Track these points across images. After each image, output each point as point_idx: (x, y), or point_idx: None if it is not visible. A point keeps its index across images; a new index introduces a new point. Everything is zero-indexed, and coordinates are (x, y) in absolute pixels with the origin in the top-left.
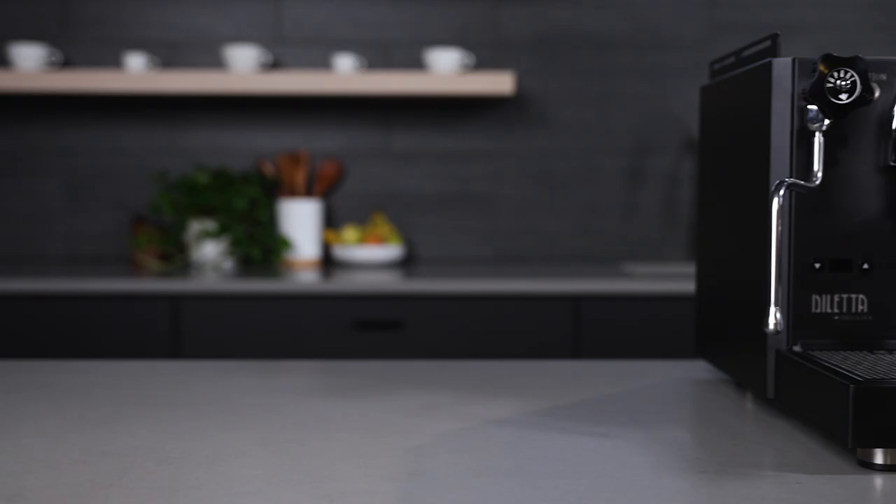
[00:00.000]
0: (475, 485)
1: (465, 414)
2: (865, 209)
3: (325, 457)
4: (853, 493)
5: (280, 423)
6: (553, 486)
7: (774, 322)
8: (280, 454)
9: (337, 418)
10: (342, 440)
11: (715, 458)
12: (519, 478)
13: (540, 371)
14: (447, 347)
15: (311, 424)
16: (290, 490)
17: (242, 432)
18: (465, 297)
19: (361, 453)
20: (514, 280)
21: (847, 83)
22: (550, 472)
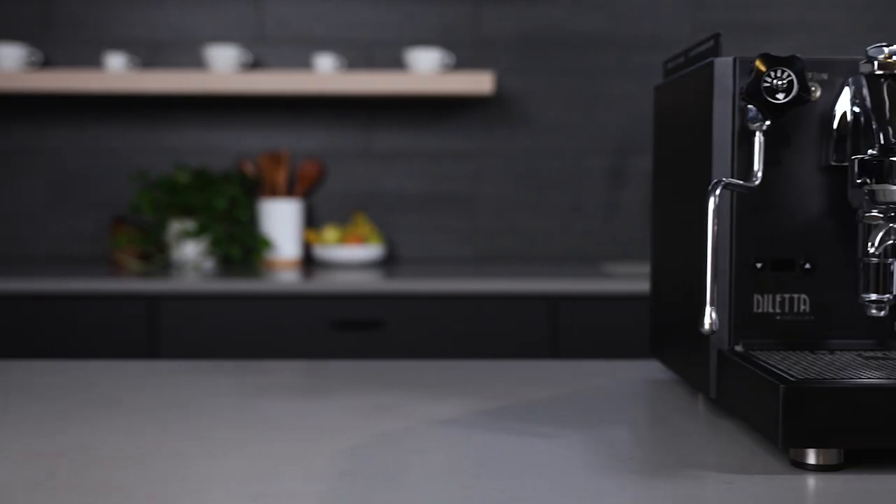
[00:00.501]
0: (403, 485)
1: (413, 414)
2: (808, 209)
3: (260, 456)
4: (781, 493)
5: (224, 422)
6: (483, 486)
7: (710, 322)
8: (215, 454)
9: (282, 418)
10: (282, 440)
11: (652, 459)
12: (450, 478)
13: (500, 371)
14: (426, 347)
15: (254, 424)
16: (215, 490)
17: (183, 432)
18: (444, 296)
19: (298, 453)
20: (492, 280)
21: (784, 83)
22: (484, 473)
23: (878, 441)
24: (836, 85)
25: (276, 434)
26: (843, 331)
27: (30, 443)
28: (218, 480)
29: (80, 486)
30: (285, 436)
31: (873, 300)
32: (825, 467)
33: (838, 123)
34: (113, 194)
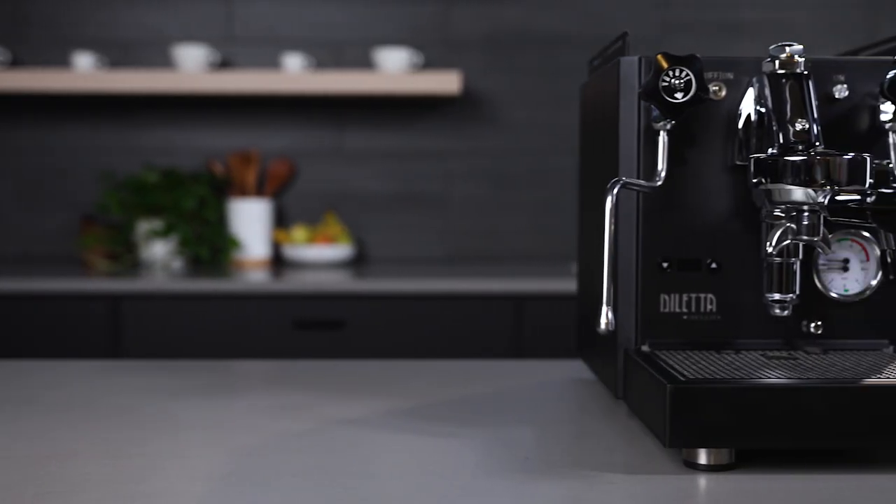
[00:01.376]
0: (286, 486)
1: (319, 414)
2: (714, 209)
3: (153, 456)
4: (664, 492)
5: (129, 423)
6: (366, 486)
7: (606, 322)
8: (109, 454)
9: (187, 418)
10: (179, 440)
11: (547, 459)
12: (335, 478)
13: (427, 370)
14: (391, 347)
15: (158, 424)
16: (96, 491)
17: (85, 432)
18: (409, 296)
19: (191, 453)
20: (457, 280)
21: (681, 82)
22: (371, 473)
23: (767, 441)
24: (743, 84)
25: (174, 434)
26: (750, 330)
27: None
28: (102, 480)
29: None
30: (182, 436)
31: (777, 300)
32: (716, 467)
33: (743, 123)
34: (82, 194)
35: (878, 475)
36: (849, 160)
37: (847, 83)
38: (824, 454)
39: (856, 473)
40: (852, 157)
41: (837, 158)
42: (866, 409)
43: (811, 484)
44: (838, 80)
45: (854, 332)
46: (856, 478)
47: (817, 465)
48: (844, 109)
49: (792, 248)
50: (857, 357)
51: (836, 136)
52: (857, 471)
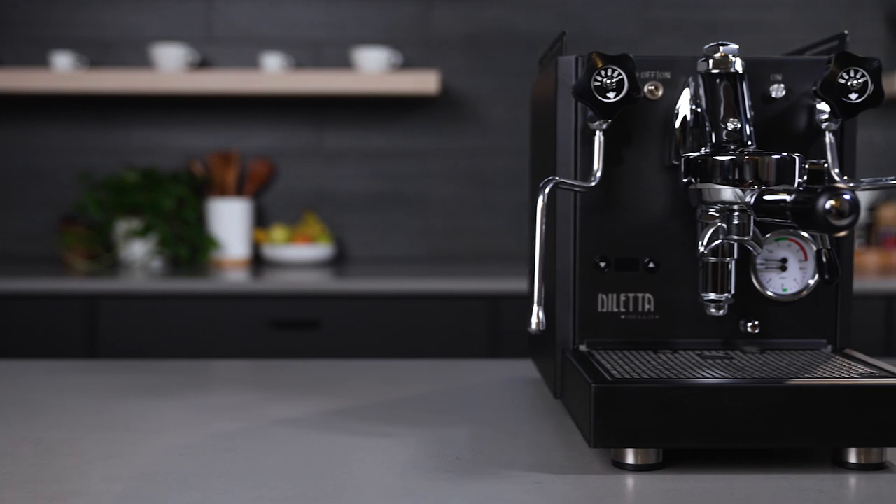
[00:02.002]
0: (209, 486)
1: (259, 414)
2: (651, 208)
3: (82, 456)
4: (585, 492)
5: (67, 422)
6: (289, 486)
7: (537, 321)
8: (39, 454)
9: (127, 418)
10: (112, 440)
11: (477, 459)
12: (259, 478)
13: (385, 369)
14: (367, 346)
15: (95, 424)
16: (15, 491)
17: (19, 431)
18: (386, 296)
19: (120, 453)
20: (434, 279)
21: (613, 82)
22: (297, 473)
23: (690, 441)
24: (680, 84)
25: (109, 434)
26: (688, 330)
27: None
28: (24, 480)
29: None
30: (116, 436)
31: (712, 299)
32: (643, 467)
33: (680, 123)
34: (62, 194)
35: (801, 475)
36: (777, 160)
37: (784, 83)
38: (754, 454)
39: (780, 473)
40: (781, 157)
41: (766, 158)
42: (790, 409)
43: (735, 483)
44: (776, 80)
45: (793, 331)
46: (780, 477)
47: (746, 464)
48: (782, 109)
49: (727, 247)
50: (793, 357)
51: (774, 135)
52: (782, 470)
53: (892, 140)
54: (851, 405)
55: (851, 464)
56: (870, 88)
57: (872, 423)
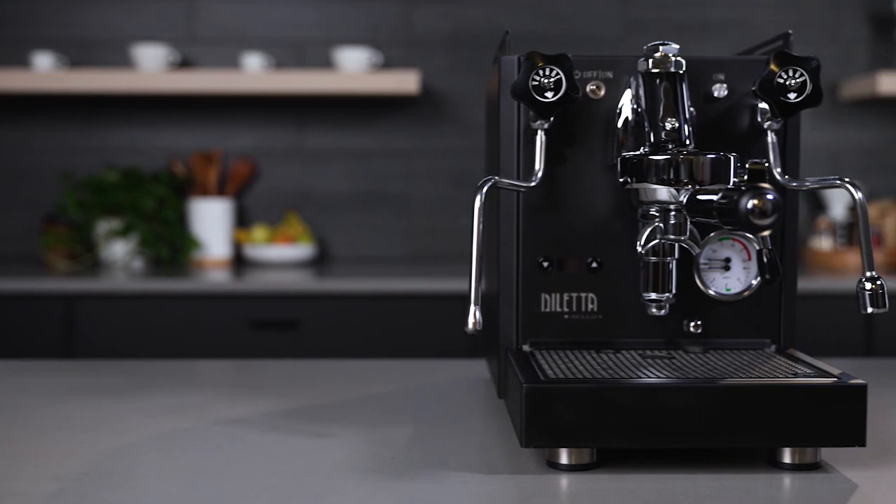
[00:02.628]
0: (140, 486)
1: (204, 414)
2: (594, 208)
3: (15, 457)
4: (512, 492)
5: (13, 423)
6: (215, 486)
7: (473, 322)
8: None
9: (69, 418)
10: (49, 440)
11: (413, 459)
12: (188, 479)
13: (343, 369)
14: (347, 346)
15: (34, 424)
16: None
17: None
18: (366, 296)
19: (55, 453)
20: (414, 279)
21: (551, 81)
22: (227, 473)
23: (620, 441)
24: (623, 83)
25: (47, 434)
26: (631, 330)
27: None
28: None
29: None
30: (55, 436)
31: (653, 299)
32: (577, 467)
33: (622, 123)
34: (44, 194)
35: (734, 475)
36: (712, 160)
37: (727, 82)
38: (695, 454)
39: (713, 473)
40: (716, 157)
41: (700, 158)
42: (722, 409)
43: (664, 484)
44: (718, 80)
45: (737, 331)
46: (711, 478)
47: (682, 465)
48: (724, 108)
49: (668, 247)
50: (734, 357)
51: (717, 135)
52: (716, 471)
53: (878, 140)
54: (784, 405)
55: (786, 464)
56: (808, 88)
57: (805, 422)
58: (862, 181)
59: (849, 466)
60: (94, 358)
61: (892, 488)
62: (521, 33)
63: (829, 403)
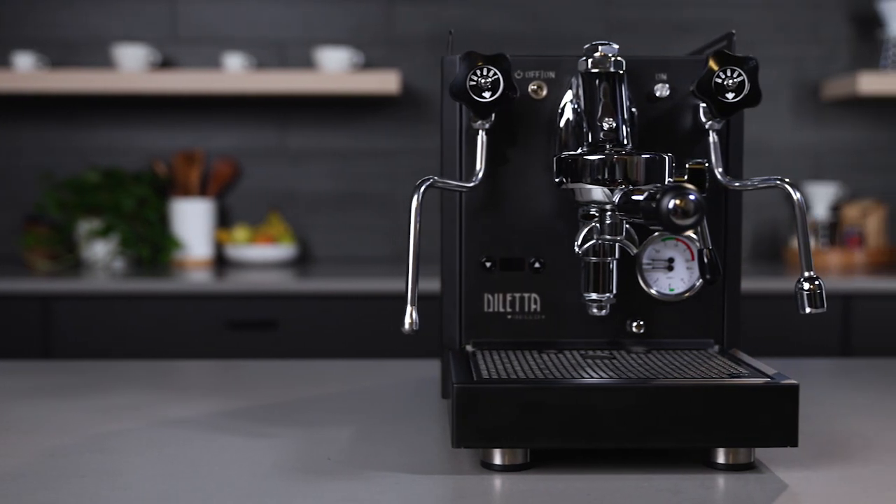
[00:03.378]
0: (64, 487)
1: (147, 414)
2: (537, 208)
3: None
4: (441, 492)
5: None
6: (145, 487)
7: (410, 322)
8: None
9: (8, 419)
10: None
11: (348, 459)
12: (120, 479)
13: (306, 369)
14: (325, 347)
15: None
16: None
17: None
18: (344, 296)
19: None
20: (395, 279)
21: (489, 81)
22: (159, 474)
23: (553, 441)
24: (565, 83)
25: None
26: (575, 330)
27: None
28: None
29: None
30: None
31: (594, 299)
32: (510, 467)
33: (564, 123)
34: (25, 194)
35: (667, 475)
36: (646, 160)
37: (669, 82)
38: (632, 454)
39: (647, 474)
40: (650, 157)
41: (634, 158)
42: (654, 409)
43: (594, 484)
44: (660, 80)
45: (681, 331)
46: (643, 478)
47: (618, 465)
48: (667, 108)
49: (608, 247)
50: (675, 357)
51: (659, 135)
52: (650, 471)
53: (861, 140)
54: (716, 406)
55: (720, 464)
56: (747, 88)
57: (737, 423)
58: (844, 181)
59: (784, 467)
60: (71, 359)
61: (822, 488)
62: (502, 33)
63: (761, 404)
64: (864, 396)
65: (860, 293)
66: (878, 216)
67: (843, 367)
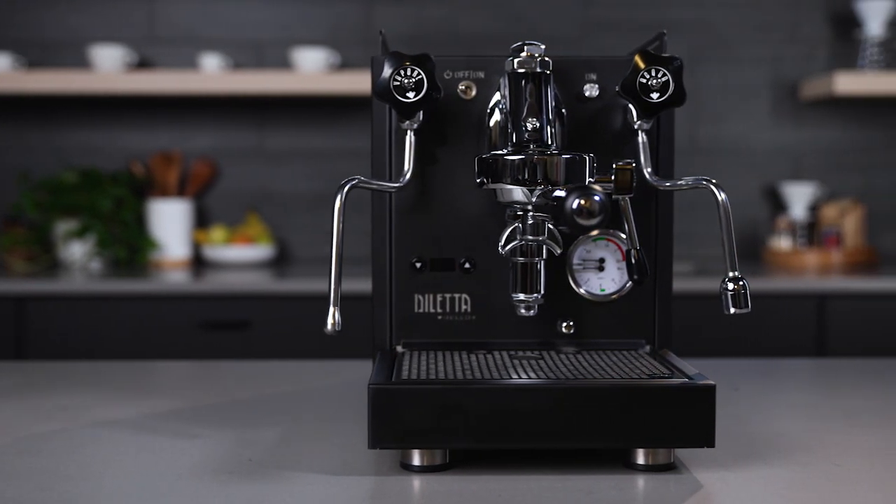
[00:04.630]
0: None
1: (78, 416)
2: (466, 208)
3: None
4: (352, 493)
5: None
6: (64, 488)
7: (332, 323)
8: None
9: None
10: None
11: (268, 460)
12: (41, 481)
13: (258, 370)
14: (299, 347)
15: None
16: None
17: None
18: (321, 297)
19: None
20: (368, 280)
21: (413, 81)
22: (81, 475)
23: (467, 442)
24: (494, 84)
25: None
26: (505, 331)
27: None
28: None
29: None
30: None
31: (521, 300)
32: (428, 468)
33: (493, 123)
34: (2, 195)
35: (584, 476)
36: (566, 160)
37: (599, 82)
38: (555, 454)
39: (564, 475)
40: (570, 157)
41: (554, 158)
42: (571, 409)
43: (508, 485)
44: (590, 80)
45: (613, 331)
46: (559, 479)
47: (538, 465)
48: (596, 108)
49: (535, 247)
50: (602, 357)
51: (589, 135)
52: (568, 472)
53: (838, 139)
54: (631, 406)
55: (640, 465)
56: (671, 88)
57: (654, 423)
58: (823, 181)
59: (703, 467)
60: (44, 360)
61: (736, 489)
62: (480, 34)
63: (677, 404)
64: (804, 397)
65: (835, 293)
66: (855, 216)
67: (794, 367)
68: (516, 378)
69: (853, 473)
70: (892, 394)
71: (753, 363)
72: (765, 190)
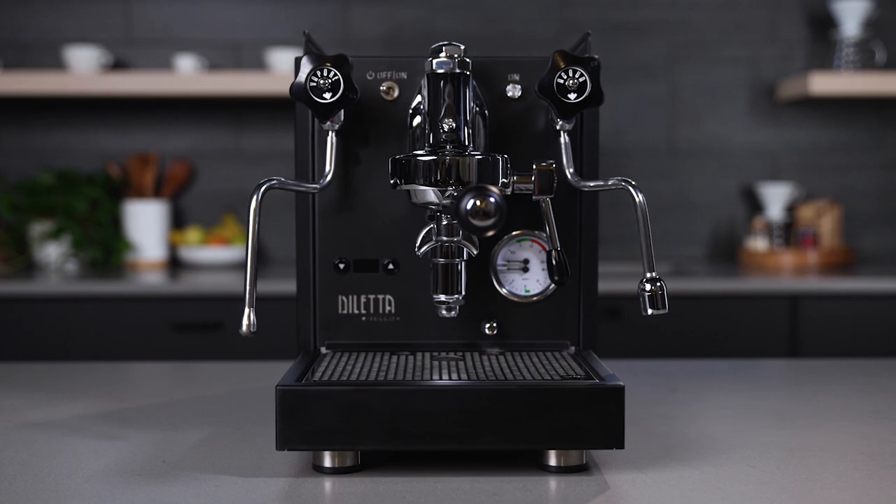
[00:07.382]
0: None
1: (17, 417)
2: (389, 209)
3: None
4: (258, 495)
5: None
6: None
7: (247, 324)
8: None
9: None
10: None
11: (183, 462)
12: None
13: (199, 371)
14: (272, 349)
15: None
16: None
17: None
18: (290, 298)
19: None
20: None
21: (329, 82)
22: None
23: (375, 443)
24: (417, 84)
25: None
26: (430, 331)
27: None
28: None
29: None
30: None
31: (442, 301)
32: (340, 470)
33: (416, 123)
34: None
35: (494, 478)
36: (478, 160)
37: (521, 83)
38: (470, 456)
39: (474, 476)
40: (482, 158)
41: (466, 159)
42: (480, 411)
43: (415, 486)
44: (512, 80)
45: (538, 332)
46: (468, 480)
47: (450, 467)
48: (520, 109)
49: (455, 248)
50: (524, 358)
51: (512, 135)
52: (480, 474)
53: (815, 140)
54: (541, 407)
55: (552, 466)
56: (589, 88)
57: (564, 425)
58: (800, 181)
59: (616, 469)
60: (18, 361)
61: (643, 491)
62: (456, 35)
63: (586, 406)
64: (740, 398)
65: (809, 294)
66: (832, 217)
67: (751, 368)
68: (432, 380)
69: (765, 475)
70: (833, 395)
71: (710, 364)
72: (742, 190)
